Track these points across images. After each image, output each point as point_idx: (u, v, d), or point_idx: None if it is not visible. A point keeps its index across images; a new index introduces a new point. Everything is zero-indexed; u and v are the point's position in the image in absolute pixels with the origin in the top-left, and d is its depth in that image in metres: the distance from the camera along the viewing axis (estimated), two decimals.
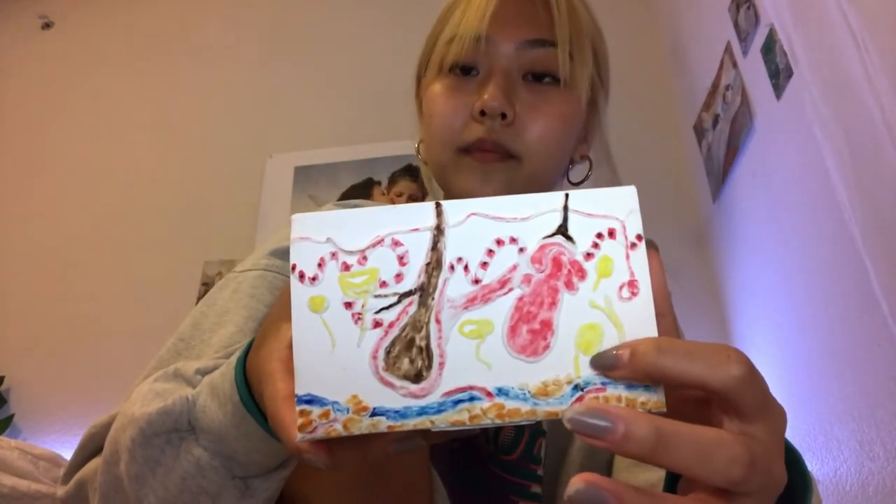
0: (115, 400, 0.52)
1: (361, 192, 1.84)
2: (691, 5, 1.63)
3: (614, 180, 0.71)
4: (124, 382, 0.52)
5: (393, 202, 1.64)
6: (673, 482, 0.35)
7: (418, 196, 1.78)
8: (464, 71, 0.62)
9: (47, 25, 2.32)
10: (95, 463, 0.48)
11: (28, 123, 2.19)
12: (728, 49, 1.34)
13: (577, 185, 0.71)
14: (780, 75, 1.10)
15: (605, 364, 0.28)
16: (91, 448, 0.50)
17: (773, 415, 0.29)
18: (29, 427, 1.73)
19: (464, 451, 0.58)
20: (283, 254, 0.60)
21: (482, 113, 0.58)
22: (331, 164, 1.90)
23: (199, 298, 1.76)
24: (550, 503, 0.60)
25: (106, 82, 2.20)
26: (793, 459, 0.33)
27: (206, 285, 1.80)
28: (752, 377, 0.28)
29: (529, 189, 0.60)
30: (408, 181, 1.82)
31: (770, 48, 1.13)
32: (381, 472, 0.51)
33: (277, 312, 0.36)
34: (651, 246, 0.30)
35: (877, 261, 0.80)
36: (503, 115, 0.58)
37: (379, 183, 1.85)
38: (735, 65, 1.31)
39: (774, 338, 1.18)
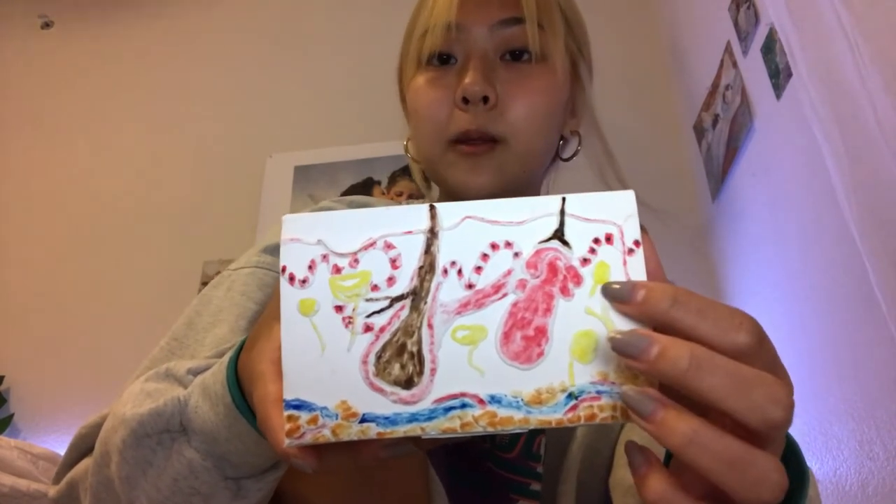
0: (114, 400, 0.52)
1: (361, 191, 1.84)
2: (691, 5, 1.62)
3: (606, 153, 0.70)
4: (124, 382, 0.52)
5: (394, 203, 1.64)
6: None
7: (418, 195, 1.78)
8: (441, 61, 0.62)
9: (47, 25, 2.32)
10: (86, 463, 0.48)
11: (28, 123, 2.19)
12: (728, 49, 1.34)
13: (567, 160, 0.71)
14: (780, 75, 1.10)
15: (616, 295, 0.28)
16: (82, 448, 0.50)
17: (782, 378, 0.28)
18: (29, 427, 1.73)
19: (461, 450, 0.58)
20: (275, 250, 0.60)
21: (465, 100, 0.58)
22: (331, 164, 1.90)
23: None
24: (550, 501, 0.60)
25: (106, 82, 2.20)
26: (791, 452, 0.32)
27: (206, 285, 1.80)
28: (760, 347, 0.28)
29: (521, 170, 0.61)
30: (408, 181, 1.82)
31: (770, 48, 1.13)
32: (379, 472, 0.50)
33: (270, 313, 0.35)
34: (643, 230, 0.30)
35: (875, 261, 0.80)
36: (485, 99, 0.58)
37: (379, 182, 1.85)
38: (735, 64, 1.31)
39: (774, 338, 1.17)
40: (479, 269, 0.29)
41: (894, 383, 0.83)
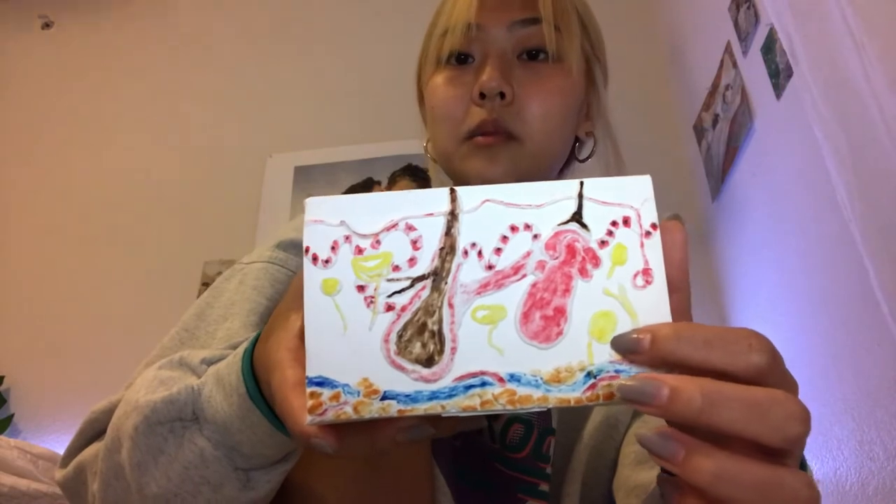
0: (123, 387, 0.52)
1: (361, 191, 1.83)
2: (691, 5, 1.63)
3: (617, 157, 0.71)
4: (124, 382, 0.52)
5: None
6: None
7: None
8: (460, 60, 0.63)
9: (47, 25, 2.32)
10: (95, 448, 0.48)
11: (28, 123, 2.19)
12: (728, 49, 1.34)
13: (583, 161, 0.71)
14: (780, 75, 1.10)
15: (624, 347, 0.28)
16: (90, 433, 0.50)
17: (792, 388, 0.29)
18: (29, 427, 1.73)
19: (467, 449, 0.58)
20: (288, 246, 0.61)
21: (482, 96, 0.59)
22: (331, 164, 1.90)
23: None
24: (556, 501, 0.60)
25: (105, 82, 2.20)
26: None
27: (206, 285, 1.80)
28: (774, 362, 0.28)
29: (535, 168, 0.61)
30: (408, 181, 1.82)
31: (770, 48, 1.13)
32: (383, 469, 0.50)
33: (286, 303, 0.35)
34: (675, 218, 0.30)
35: (877, 261, 0.80)
36: (502, 95, 0.59)
37: (379, 183, 1.85)
38: (735, 64, 1.31)
39: (774, 338, 1.17)
40: (498, 250, 0.30)
41: (894, 383, 0.83)
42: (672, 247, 0.30)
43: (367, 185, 1.85)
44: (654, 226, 0.30)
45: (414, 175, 1.81)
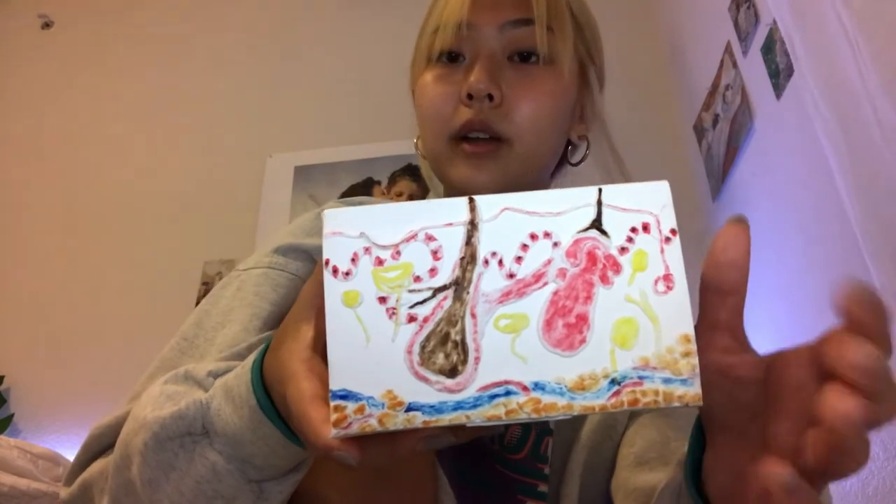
0: (115, 400, 0.52)
1: (361, 191, 1.84)
2: (691, 5, 1.63)
3: (616, 160, 0.70)
4: (124, 382, 0.52)
5: (393, 202, 1.65)
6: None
7: (418, 195, 1.79)
8: (451, 59, 0.63)
9: (47, 25, 2.32)
10: (100, 464, 0.48)
11: (28, 123, 2.19)
12: (728, 49, 1.35)
13: (575, 165, 0.71)
14: (779, 75, 1.10)
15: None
16: (95, 449, 0.50)
17: None
18: (29, 427, 1.73)
19: (469, 450, 0.58)
20: (287, 251, 0.60)
21: (469, 96, 0.58)
22: (331, 164, 1.90)
23: (199, 298, 1.76)
24: (555, 502, 0.60)
25: (106, 82, 2.20)
26: None
27: (206, 285, 1.80)
28: None
29: (524, 170, 0.61)
30: (408, 181, 1.82)
31: (770, 48, 1.13)
32: (388, 469, 0.50)
33: (296, 314, 0.35)
34: (739, 220, 0.30)
35: (878, 260, 0.80)
36: (490, 97, 0.58)
37: (379, 182, 1.85)
38: (735, 64, 1.31)
39: (775, 338, 1.18)
40: (519, 258, 0.30)
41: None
42: (735, 248, 0.30)
43: (367, 185, 1.85)
44: (673, 231, 0.30)
45: (414, 175, 1.81)
